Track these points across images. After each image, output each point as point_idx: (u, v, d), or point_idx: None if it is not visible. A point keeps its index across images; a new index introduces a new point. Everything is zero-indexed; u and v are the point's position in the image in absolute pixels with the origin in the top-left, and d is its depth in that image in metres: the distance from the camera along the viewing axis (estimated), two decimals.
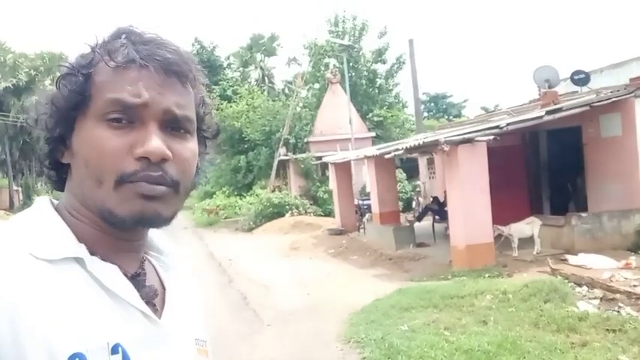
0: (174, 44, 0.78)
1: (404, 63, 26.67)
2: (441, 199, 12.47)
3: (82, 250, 0.73)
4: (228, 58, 42.18)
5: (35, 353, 0.64)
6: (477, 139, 8.33)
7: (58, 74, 0.77)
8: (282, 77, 47.90)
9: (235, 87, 30.90)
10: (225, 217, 23.07)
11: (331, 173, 15.96)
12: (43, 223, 0.75)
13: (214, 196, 27.91)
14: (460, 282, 7.14)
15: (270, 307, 7.81)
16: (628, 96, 9.01)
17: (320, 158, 19.35)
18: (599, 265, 7.93)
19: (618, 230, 8.97)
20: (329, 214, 20.20)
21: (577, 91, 13.14)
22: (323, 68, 26.45)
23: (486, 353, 4.67)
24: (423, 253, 10.75)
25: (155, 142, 0.73)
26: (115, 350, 0.70)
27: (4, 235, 0.72)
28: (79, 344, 0.67)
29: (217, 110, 27.15)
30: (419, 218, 12.17)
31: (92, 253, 0.74)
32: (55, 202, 0.81)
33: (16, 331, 0.64)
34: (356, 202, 15.75)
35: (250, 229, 19.13)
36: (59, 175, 0.82)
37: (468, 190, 8.46)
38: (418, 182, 20.50)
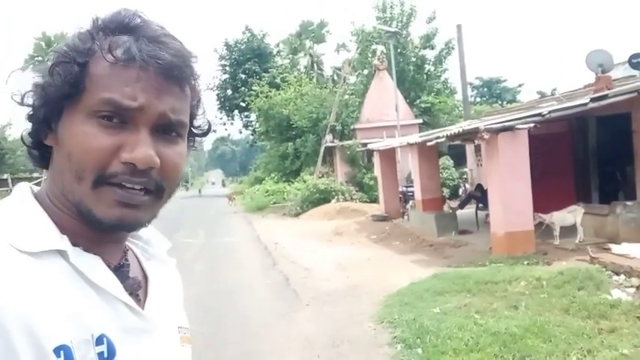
0: (178, 43, 0.76)
1: (453, 48, 26.29)
2: (485, 187, 12.44)
3: (64, 243, 0.71)
4: (278, 46, 42.69)
5: (22, 344, 0.64)
6: (517, 126, 8.31)
7: (52, 58, 0.74)
8: (332, 64, 47.96)
9: (284, 74, 31.34)
10: (274, 203, 23.66)
11: (376, 160, 16.13)
12: (23, 213, 0.73)
13: (263, 182, 28.57)
14: (496, 268, 7.24)
15: (311, 288, 8.14)
16: None
17: (366, 145, 19.52)
18: None
19: None
20: (374, 200, 20.38)
21: (635, 75, 12.71)
22: (370, 55, 26.45)
23: (513, 336, 4.81)
24: (465, 240, 10.81)
25: (144, 151, 0.71)
26: (99, 341, 0.70)
27: None
28: (64, 336, 0.66)
29: (266, 98, 27.70)
30: (461, 205, 12.20)
31: (74, 244, 0.72)
32: (36, 189, 0.80)
33: (2, 322, 0.63)
34: (400, 189, 15.87)
35: (297, 215, 19.59)
36: (42, 154, 0.79)
37: (507, 178, 8.47)
38: (465, 169, 20.34)
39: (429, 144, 10.54)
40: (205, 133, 0.90)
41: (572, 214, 8.88)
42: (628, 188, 11.09)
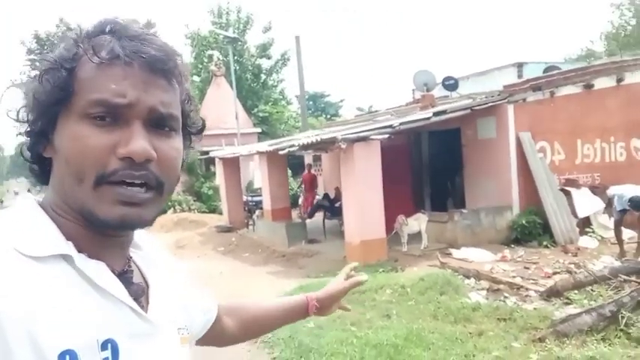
0: (161, 40, 0.76)
1: (288, 59, 26.85)
2: (332, 196, 12.74)
3: (69, 248, 0.72)
4: None
5: (21, 350, 0.64)
6: (372, 137, 8.58)
7: (40, 67, 0.75)
8: None
9: None
10: None
11: (219, 169, 15.59)
12: (28, 220, 0.74)
13: None
14: None
15: None
16: (502, 101, 9.84)
17: (206, 153, 18.83)
18: (479, 258, 8.58)
19: (493, 225, 9.78)
20: (214, 210, 19.77)
21: (447, 96, 14.17)
22: (206, 60, 25.75)
23: (395, 347, 4.82)
24: (316, 250, 10.89)
25: (139, 143, 0.72)
26: (104, 347, 0.71)
27: None
28: (69, 341, 0.67)
29: None
30: (310, 215, 12.31)
31: (79, 251, 0.73)
32: (39, 199, 0.80)
33: (2, 327, 0.63)
34: (244, 199, 15.55)
35: None
36: (42, 169, 0.80)
37: (362, 187, 8.70)
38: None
39: (281, 152, 10.42)
40: (200, 131, 0.89)
41: (417, 222, 9.44)
42: (456, 197, 12.25)
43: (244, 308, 1.26)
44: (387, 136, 8.53)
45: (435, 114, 9.19)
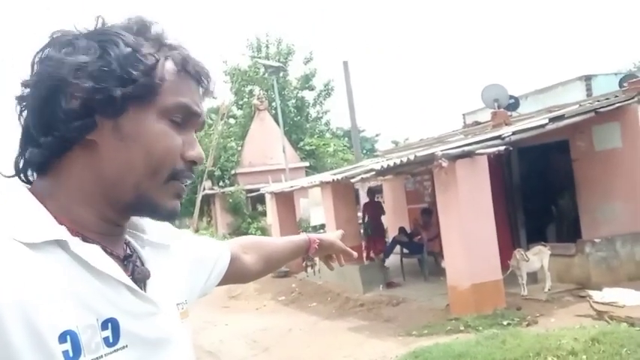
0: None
1: (332, 89, 25.43)
2: (408, 230, 10.83)
3: (63, 232, 0.72)
4: None
5: (18, 334, 0.64)
6: (478, 151, 6.74)
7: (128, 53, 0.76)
8: None
9: None
10: None
11: (271, 206, 13.89)
12: (20, 205, 0.73)
13: None
14: (491, 337, 5.33)
15: None
16: (630, 102, 7.87)
17: (252, 191, 17.27)
18: (632, 301, 6.50)
19: (632, 257, 7.67)
20: None
21: (511, 115, 12.31)
22: (246, 95, 24.57)
23: None
24: (399, 295, 8.92)
25: (200, 150, 0.82)
26: (104, 326, 0.72)
27: None
28: (69, 322, 0.68)
29: None
30: (387, 254, 10.39)
31: (73, 236, 0.73)
32: (28, 185, 0.79)
33: None
34: None
35: None
36: (51, 155, 0.76)
37: (469, 215, 6.82)
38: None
39: (353, 180, 8.66)
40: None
41: (537, 257, 7.42)
42: (562, 224, 10.16)
43: (261, 245, 1.32)
44: (499, 148, 6.66)
45: (552, 120, 7.29)
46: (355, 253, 1.50)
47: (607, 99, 8.29)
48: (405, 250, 10.43)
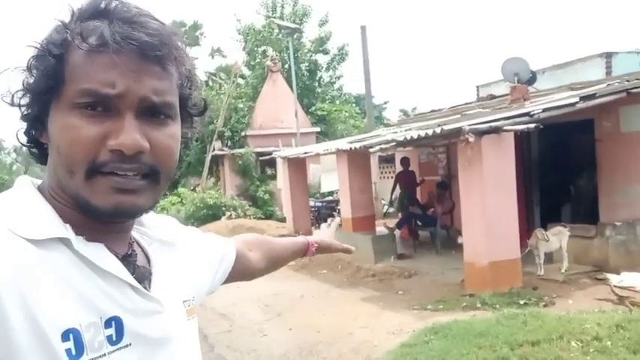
0: (157, 21, 0.74)
1: (347, 54, 24.99)
2: (422, 202, 10.75)
3: (67, 231, 0.71)
4: None
5: (20, 331, 0.63)
6: (505, 127, 6.57)
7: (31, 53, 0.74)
8: (204, 69, 44.84)
9: None
10: None
11: (283, 170, 13.79)
12: (26, 203, 0.73)
13: None
14: (512, 317, 5.29)
15: (244, 352, 5.62)
16: None
17: (262, 154, 17.12)
18: None
19: None
20: (270, 216, 18.05)
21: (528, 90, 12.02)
22: (260, 56, 24.15)
23: None
24: (410, 268, 8.91)
25: (129, 135, 0.70)
26: (108, 324, 0.71)
27: None
28: (72, 320, 0.67)
29: None
30: (399, 225, 10.33)
31: (77, 235, 0.72)
32: (37, 182, 0.79)
33: (1, 309, 0.62)
34: (313, 204, 13.70)
35: None
36: (42, 152, 0.79)
37: (492, 193, 6.71)
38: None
39: (372, 150, 8.50)
40: (202, 112, 0.87)
41: (557, 237, 7.33)
42: (579, 205, 10.05)
43: (264, 243, 1.32)
44: (529, 126, 6.49)
45: (582, 98, 7.09)
46: (352, 248, 1.52)
47: (637, 79, 8.05)
48: (418, 223, 10.37)
